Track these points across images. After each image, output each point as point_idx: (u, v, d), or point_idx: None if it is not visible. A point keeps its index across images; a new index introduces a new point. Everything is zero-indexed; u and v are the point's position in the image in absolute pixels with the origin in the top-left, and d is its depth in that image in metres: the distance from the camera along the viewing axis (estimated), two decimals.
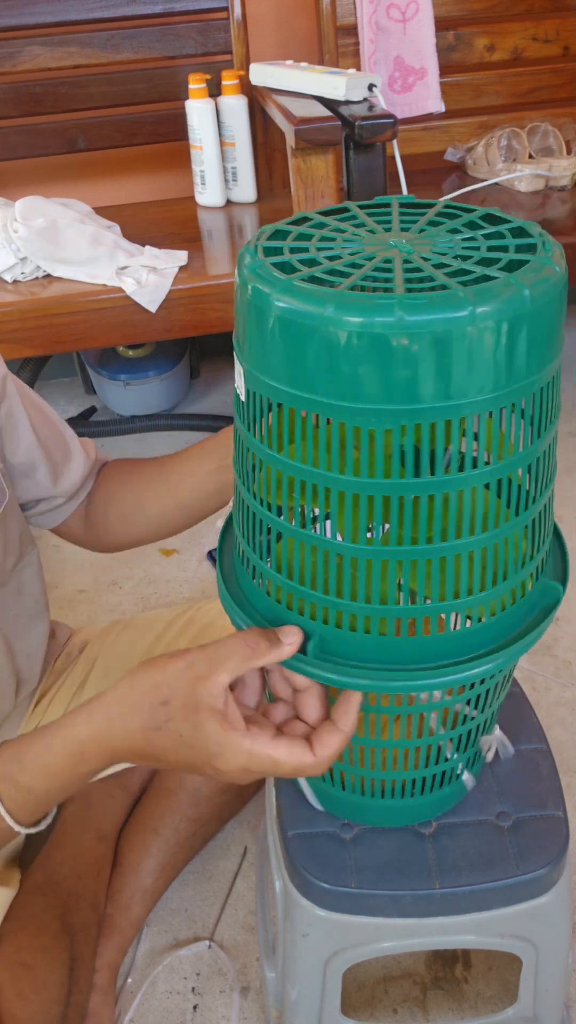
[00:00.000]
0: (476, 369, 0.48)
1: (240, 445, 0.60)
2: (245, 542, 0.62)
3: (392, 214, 0.61)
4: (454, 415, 0.50)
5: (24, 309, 1.41)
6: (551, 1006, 0.78)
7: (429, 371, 0.48)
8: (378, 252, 0.55)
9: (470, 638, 0.59)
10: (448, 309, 0.47)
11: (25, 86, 1.74)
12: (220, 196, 1.74)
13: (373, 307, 0.47)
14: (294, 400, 0.52)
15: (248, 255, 0.55)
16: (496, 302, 0.48)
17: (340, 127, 1.31)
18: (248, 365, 0.54)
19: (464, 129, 1.93)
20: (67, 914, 0.89)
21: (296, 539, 0.57)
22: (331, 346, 0.49)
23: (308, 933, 0.72)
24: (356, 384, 0.49)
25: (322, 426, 0.53)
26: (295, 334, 0.50)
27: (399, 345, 0.47)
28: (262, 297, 0.51)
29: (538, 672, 1.29)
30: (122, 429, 1.95)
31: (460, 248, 0.54)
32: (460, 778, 0.72)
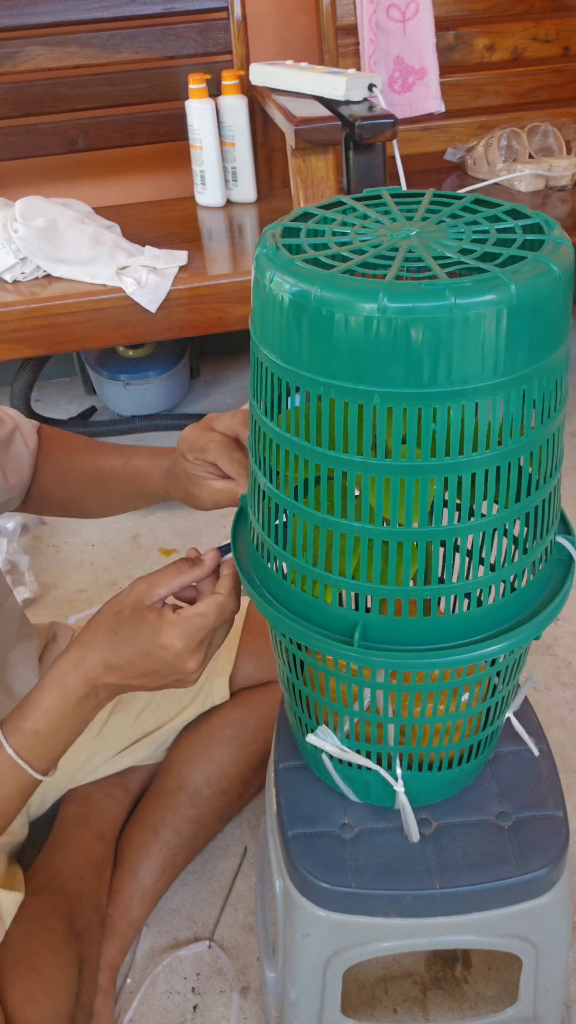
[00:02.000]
0: (458, 357, 0.50)
1: (262, 437, 0.61)
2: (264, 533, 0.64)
3: (420, 205, 0.62)
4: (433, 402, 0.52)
5: (24, 309, 1.41)
6: (551, 1006, 0.78)
7: (403, 357, 0.50)
8: (385, 241, 0.56)
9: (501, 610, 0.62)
10: (429, 299, 0.49)
11: (25, 86, 1.74)
12: (220, 196, 1.74)
13: (358, 291, 0.50)
14: (288, 375, 0.55)
15: (271, 252, 0.56)
16: (478, 294, 0.49)
17: (340, 127, 1.31)
18: (277, 358, 0.56)
19: (464, 129, 1.93)
20: (73, 916, 0.89)
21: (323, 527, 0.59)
22: (316, 325, 0.52)
23: (308, 933, 0.72)
24: (333, 361, 0.52)
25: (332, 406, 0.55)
26: (288, 311, 0.53)
27: (378, 329, 0.50)
28: (301, 293, 0.53)
29: (538, 672, 1.29)
30: (122, 429, 1.94)
31: (468, 241, 0.56)
32: None
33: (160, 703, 1.05)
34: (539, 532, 0.61)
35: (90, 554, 1.61)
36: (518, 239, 0.55)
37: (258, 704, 1.05)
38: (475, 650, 0.60)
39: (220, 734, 1.03)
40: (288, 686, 0.74)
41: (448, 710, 0.67)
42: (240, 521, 0.73)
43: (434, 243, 0.56)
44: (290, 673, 0.71)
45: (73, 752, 1.01)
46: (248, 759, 1.04)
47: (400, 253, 0.54)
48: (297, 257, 0.55)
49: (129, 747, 1.04)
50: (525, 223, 0.58)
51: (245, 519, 0.73)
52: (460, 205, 0.61)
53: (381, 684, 0.65)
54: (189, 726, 1.06)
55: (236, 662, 1.06)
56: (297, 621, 0.64)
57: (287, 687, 0.74)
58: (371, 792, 0.74)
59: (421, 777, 0.71)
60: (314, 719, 0.72)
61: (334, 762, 0.72)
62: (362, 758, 0.70)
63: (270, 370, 0.57)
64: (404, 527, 0.56)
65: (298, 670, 0.70)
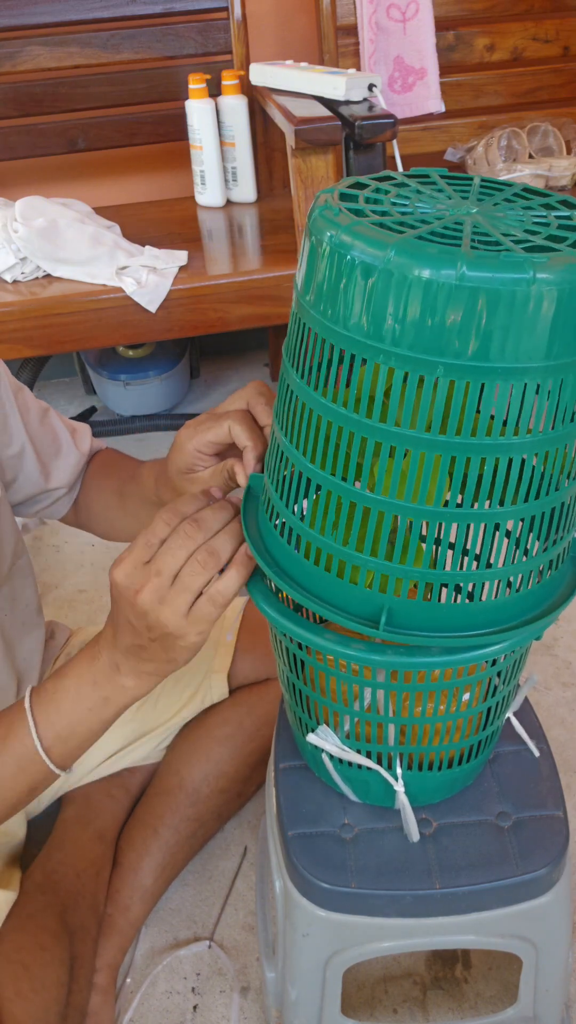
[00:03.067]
0: (530, 334, 0.49)
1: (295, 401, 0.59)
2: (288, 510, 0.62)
3: (472, 187, 0.61)
4: (497, 378, 0.50)
5: (24, 309, 1.41)
6: (551, 1006, 0.78)
7: (480, 328, 0.49)
8: (447, 215, 0.55)
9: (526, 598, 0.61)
10: (509, 270, 0.48)
11: (25, 86, 1.74)
12: (220, 196, 1.74)
13: (435, 257, 0.48)
14: (344, 341, 0.52)
15: (331, 213, 0.55)
16: (556, 271, 0.48)
17: (340, 127, 1.31)
18: (307, 305, 0.55)
19: (464, 129, 1.93)
20: (66, 913, 0.89)
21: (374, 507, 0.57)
22: (385, 289, 0.50)
23: (308, 933, 0.72)
24: (406, 331, 0.50)
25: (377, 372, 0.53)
26: (353, 274, 0.51)
27: (454, 297, 0.48)
28: (325, 235, 0.52)
29: (538, 671, 1.29)
30: (122, 429, 1.95)
31: (530, 224, 0.55)
32: None
33: (158, 702, 1.05)
34: (566, 525, 0.61)
35: (90, 554, 1.61)
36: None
37: (256, 702, 1.05)
38: (475, 650, 0.60)
39: (218, 733, 1.03)
40: (288, 686, 0.74)
41: (448, 710, 0.67)
42: (248, 503, 0.69)
43: (498, 221, 0.54)
44: (290, 673, 0.71)
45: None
46: (247, 758, 1.04)
47: (467, 226, 0.53)
48: (363, 220, 0.53)
49: (128, 747, 1.04)
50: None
51: (253, 501, 0.69)
52: (511, 192, 0.60)
53: (382, 683, 0.65)
54: (188, 725, 1.06)
55: (234, 659, 1.06)
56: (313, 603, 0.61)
57: (287, 687, 0.74)
58: (371, 792, 0.74)
59: (421, 777, 0.71)
60: (314, 719, 0.72)
61: (334, 762, 0.72)
62: (362, 758, 0.70)
63: (321, 336, 0.54)
64: (448, 508, 0.55)
65: (298, 670, 0.70)
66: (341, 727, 0.70)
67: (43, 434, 0.92)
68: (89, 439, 0.97)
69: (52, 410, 0.95)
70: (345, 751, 0.70)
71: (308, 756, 0.77)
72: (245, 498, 0.69)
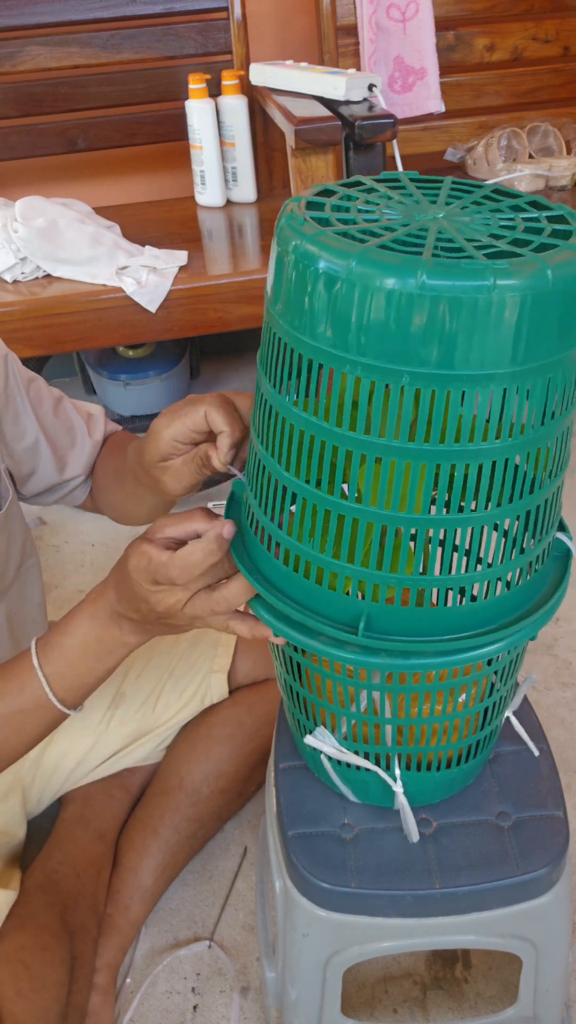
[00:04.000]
0: (494, 340, 0.49)
1: (277, 420, 0.59)
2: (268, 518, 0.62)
3: (441, 190, 0.61)
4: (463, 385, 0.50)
5: (24, 309, 1.41)
6: (551, 1006, 0.78)
7: (443, 336, 0.49)
8: (413, 221, 0.55)
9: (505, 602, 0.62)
10: (469, 278, 0.48)
11: (25, 86, 1.74)
12: (220, 196, 1.74)
13: (396, 266, 0.48)
14: (312, 351, 0.53)
15: (296, 223, 0.55)
16: (517, 277, 0.48)
17: (340, 127, 1.31)
18: (297, 332, 0.55)
19: (464, 129, 1.93)
20: (67, 913, 0.89)
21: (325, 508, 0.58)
22: (348, 299, 0.50)
23: (308, 933, 0.72)
24: (370, 340, 0.50)
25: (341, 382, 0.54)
26: (317, 284, 0.51)
27: (415, 306, 0.48)
28: (290, 245, 0.52)
29: (538, 671, 1.29)
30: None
31: (497, 227, 0.55)
32: None
33: (158, 702, 1.05)
34: (543, 527, 0.61)
35: (90, 554, 1.61)
36: (546, 228, 0.54)
37: (256, 702, 1.05)
38: (471, 651, 0.60)
39: (218, 733, 1.03)
40: (286, 688, 0.74)
41: (446, 710, 0.67)
42: (231, 509, 0.70)
43: (463, 226, 0.55)
44: (287, 675, 0.71)
45: (71, 749, 1.01)
46: (246, 757, 1.04)
47: (431, 232, 0.53)
48: (327, 230, 0.53)
49: (128, 747, 1.04)
50: (549, 214, 0.57)
51: (236, 507, 0.69)
52: (480, 194, 0.60)
53: (378, 685, 0.65)
54: (187, 725, 1.06)
55: (234, 659, 1.06)
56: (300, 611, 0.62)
57: (285, 689, 0.74)
58: (370, 792, 0.74)
59: (420, 777, 0.71)
60: (312, 720, 0.72)
61: (333, 763, 0.72)
62: (360, 759, 0.70)
63: (288, 345, 0.55)
64: (420, 514, 0.55)
65: (295, 672, 0.70)
66: (339, 729, 0.70)
67: (57, 425, 0.93)
68: (103, 424, 0.97)
69: (66, 398, 0.95)
70: (343, 752, 0.69)
71: (308, 757, 0.77)
72: (228, 503, 0.70)
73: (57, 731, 1.01)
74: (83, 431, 0.95)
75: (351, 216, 0.56)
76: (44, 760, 1.01)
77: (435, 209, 0.57)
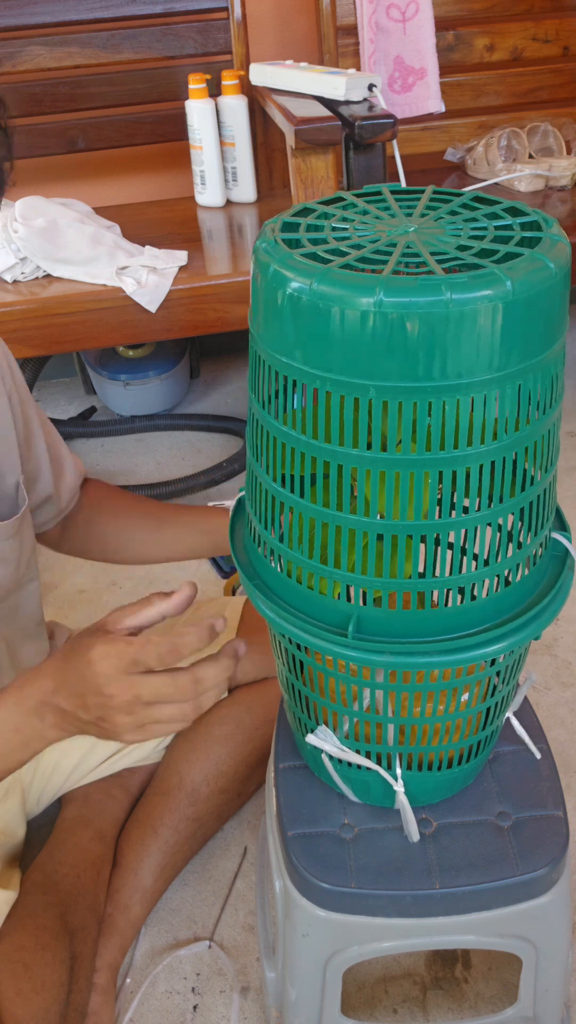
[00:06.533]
0: (453, 352, 0.50)
1: (261, 432, 0.62)
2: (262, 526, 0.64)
3: (419, 201, 0.63)
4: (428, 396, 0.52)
5: (24, 309, 1.41)
6: (551, 1006, 0.78)
7: (398, 351, 0.50)
8: (384, 237, 0.57)
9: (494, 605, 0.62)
10: (425, 293, 0.49)
11: (25, 86, 1.74)
12: (220, 196, 1.74)
13: (354, 285, 0.50)
14: (286, 368, 0.55)
15: (269, 246, 0.57)
16: (472, 290, 0.49)
17: (340, 127, 1.31)
18: (274, 352, 0.57)
19: (464, 129, 1.93)
20: (67, 913, 0.89)
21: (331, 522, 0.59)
22: (312, 318, 0.52)
23: (308, 933, 0.72)
24: (329, 355, 0.52)
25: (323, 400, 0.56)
26: (285, 305, 0.53)
27: (375, 323, 0.50)
28: (299, 287, 0.53)
29: (538, 671, 1.29)
30: (122, 429, 1.95)
31: (466, 238, 0.56)
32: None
33: None
34: (534, 527, 0.61)
35: None
36: (516, 236, 0.55)
37: (255, 701, 1.05)
38: (475, 650, 0.60)
39: (217, 732, 1.03)
40: (287, 686, 0.74)
41: (448, 710, 0.67)
42: (238, 514, 0.73)
43: (432, 239, 0.56)
44: (289, 673, 0.71)
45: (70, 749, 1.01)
46: (246, 757, 1.04)
47: (398, 249, 0.55)
48: (295, 251, 0.55)
49: (127, 746, 1.04)
50: (523, 220, 0.58)
51: (243, 513, 0.72)
52: (460, 202, 0.62)
53: (381, 684, 0.65)
54: None
55: None
56: (295, 616, 0.63)
57: (286, 687, 0.74)
58: (371, 792, 0.74)
59: (421, 777, 0.72)
60: (314, 719, 0.72)
61: (334, 762, 0.72)
62: (361, 758, 0.70)
63: (267, 363, 0.57)
64: (400, 520, 0.56)
65: (297, 670, 0.70)
66: (340, 727, 0.70)
67: (54, 446, 0.96)
68: (80, 462, 1.02)
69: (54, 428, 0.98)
70: (344, 751, 0.70)
71: (308, 756, 0.77)
72: (234, 514, 0.73)
73: None
74: (70, 461, 0.99)
75: (322, 236, 0.58)
76: (43, 760, 1.01)
77: (409, 222, 0.59)
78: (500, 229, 0.57)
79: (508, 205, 0.60)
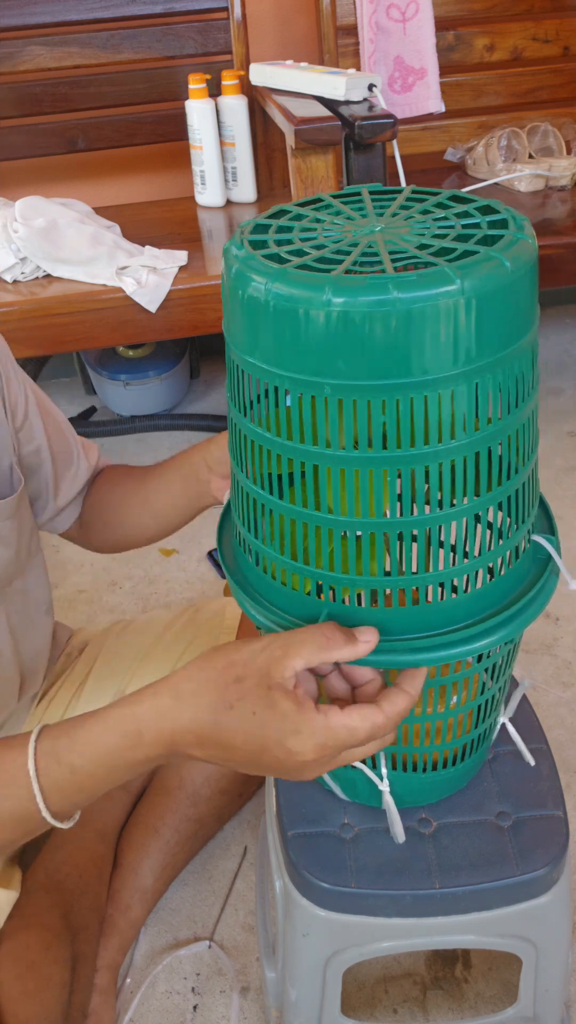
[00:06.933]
0: (402, 350, 0.51)
1: (236, 431, 0.62)
2: (245, 528, 0.64)
3: (365, 202, 0.63)
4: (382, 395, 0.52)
5: (24, 309, 1.41)
6: (551, 1006, 0.78)
7: (349, 349, 0.51)
8: (349, 237, 0.57)
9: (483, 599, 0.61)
10: (371, 293, 0.49)
11: (25, 86, 1.74)
12: (220, 196, 1.74)
13: (304, 284, 0.51)
14: (293, 383, 0.54)
15: (235, 248, 0.57)
16: (421, 289, 0.50)
17: (340, 127, 1.31)
18: (242, 353, 0.57)
19: (464, 129, 1.93)
20: (69, 913, 0.89)
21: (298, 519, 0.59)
22: (268, 318, 0.52)
23: (308, 933, 0.72)
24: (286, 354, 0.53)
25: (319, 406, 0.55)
26: (246, 306, 0.54)
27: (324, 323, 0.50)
28: (256, 287, 0.53)
29: (538, 671, 1.29)
30: (122, 429, 1.95)
31: (430, 237, 0.57)
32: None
33: None
34: (516, 519, 0.61)
35: (90, 554, 1.61)
36: (478, 235, 0.55)
37: None
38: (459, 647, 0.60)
39: None
40: None
41: (437, 710, 0.67)
42: (226, 516, 0.74)
43: (395, 238, 0.56)
44: None
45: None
46: None
47: (357, 249, 0.55)
48: (258, 252, 0.55)
49: None
50: (493, 219, 0.57)
51: (228, 521, 0.73)
52: (435, 201, 0.62)
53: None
54: None
55: None
56: (276, 614, 0.63)
57: None
58: (358, 791, 0.74)
59: (412, 778, 0.71)
60: None
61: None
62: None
63: (235, 363, 0.58)
64: (372, 518, 0.56)
65: None
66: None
67: (58, 440, 0.93)
68: (96, 453, 0.99)
69: (66, 420, 0.97)
70: None
71: None
72: (222, 520, 0.74)
73: None
74: (80, 455, 0.97)
75: (289, 237, 0.58)
76: None
77: (377, 222, 0.59)
78: (466, 228, 0.57)
79: (482, 204, 0.59)
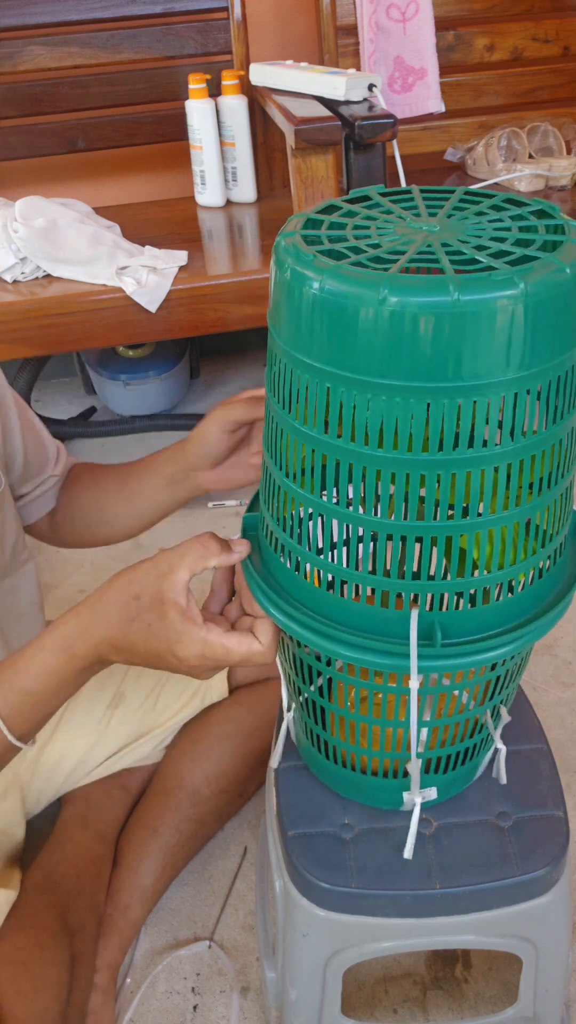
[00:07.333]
0: (457, 353, 0.50)
1: (273, 425, 0.61)
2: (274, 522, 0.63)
3: (448, 201, 0.62)
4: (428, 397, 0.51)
5: (24, 309, 1.41)
6: (551, 1006, 0.78)
7: (403, 350, 0.50)
8: (404, 236, 0.56)
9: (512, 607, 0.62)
10: (430, 293, 0.48)
11: (25, 86, 1.74)
12: (220, 196, 1.74)
13: (360, 282, 0.50)
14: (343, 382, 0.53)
15: (289, 242, 0.56)
16: (481, 291, 0.49)
17: (340, 127, 1.30)
18: (291, 349, 0.56)
19: (464, 129, 1.93)
20: (66, 913, 0.89)
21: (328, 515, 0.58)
22: (322, 315, 0.52)
23: (308, 933, 0.72)
24: (339, 353, 0.52)
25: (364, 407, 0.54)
26: (299, 302, 0.53)
27: (378, 321, 0.49)
28: (280, 264, 0.53)
29: (538, 671, 1.29)
30: (122, 429, 1.94)
31: (487, 239, 0.55)
32: None
33: (158, 702, 1.05)
34: (556, 526, 0.61)
35: (90, 554, 1.61)
36: (538, 240, 0.54)
37: (256, 701, 1.05)
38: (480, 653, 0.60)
39: (218, 732, 1.03)
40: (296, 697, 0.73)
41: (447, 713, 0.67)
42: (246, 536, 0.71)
43: (451, 239, 0.55)
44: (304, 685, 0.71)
45: (70, 749, 1.01)
46: (247, 757, 1.04)
47: (413, 248, 0.54)
48: (313, 248, 0.54)
49: (127, 747, 1.04)
50: (549, 223, 0.57)
51: (251, 535, 0.71)
52: (489, 203, 0.60)
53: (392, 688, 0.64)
54: (188, 725, 1.06)
55: None
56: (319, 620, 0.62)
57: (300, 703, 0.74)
58: (361, 790, 0.74)
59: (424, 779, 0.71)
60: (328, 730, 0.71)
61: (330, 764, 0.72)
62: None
63: (283, 360, 0.56)
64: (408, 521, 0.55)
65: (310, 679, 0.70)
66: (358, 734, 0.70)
67: (33, 440, 0.94)
68: (65, 454, 1.00)
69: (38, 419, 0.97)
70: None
71: (307, 757, 0.77)
72: (253, 499, 0.72)
73: (56, 731, 1.01)
74: (53, 454, 0.98)
75: (342, 233, 0.57)
76: (42, 760, 1.01)
77: (432, 222, 0.58)
78: (523, 231, 0.56)
79: (537, 208, 0.59)
